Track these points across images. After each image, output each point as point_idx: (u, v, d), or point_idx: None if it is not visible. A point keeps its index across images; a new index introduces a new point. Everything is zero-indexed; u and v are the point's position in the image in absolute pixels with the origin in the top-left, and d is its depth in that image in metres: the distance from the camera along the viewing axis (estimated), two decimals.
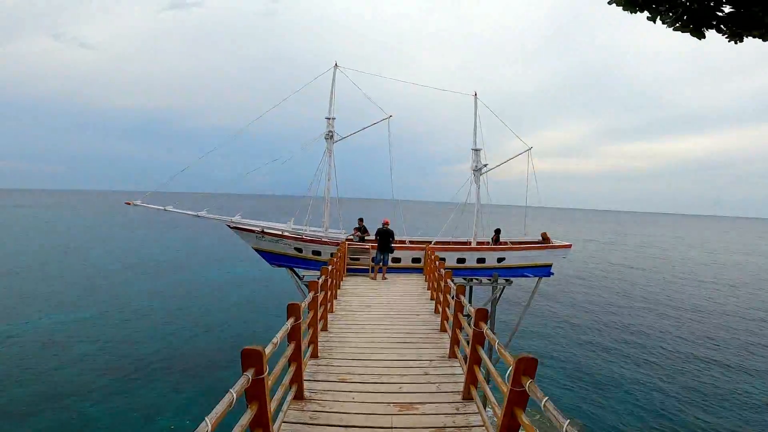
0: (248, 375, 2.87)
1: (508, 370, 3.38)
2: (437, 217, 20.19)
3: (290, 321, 4.50)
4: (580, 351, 21.29)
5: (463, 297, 6.50)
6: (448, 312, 8.22)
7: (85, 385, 15.73)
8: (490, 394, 4.32)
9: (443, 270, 9.09)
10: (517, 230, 20.00)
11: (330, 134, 17.59)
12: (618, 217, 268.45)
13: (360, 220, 17.37)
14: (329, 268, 8.51)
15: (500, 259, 17.42)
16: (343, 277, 14.23)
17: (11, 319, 22.15)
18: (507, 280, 17.39)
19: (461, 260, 16.97)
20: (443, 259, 14.21)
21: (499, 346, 3.72)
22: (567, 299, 31.07)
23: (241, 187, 17.11)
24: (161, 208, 15.72)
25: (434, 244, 17.49)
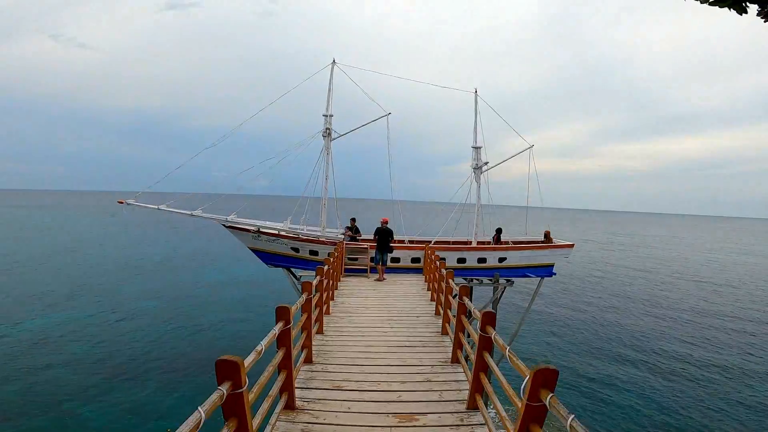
0: (222, 390, 2.47)
1: (522, 381, 3.00)
2: (437, 217, 19.82)
3: (279, 326, 4.10)
4: (580, 351, 20.94)
5: (467, 299, 6.10)
6: (450, 314, 7.82)
7: (79, 386, 15.48)
8: (499, 405, 3.92)
9: (444, 270, 8.69)
10: (516, 230, 19.61)
11: (328, 131, 17.20)
12: (616, 218, 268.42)
13: (352, 219, 16.93)
14: (325, 269, 8.11)
15: (501, 259, 17.05)
16: (341, 278, 13.83)
17: (5, 319, 21.79)
18: (508, 281, 17.01)
19: (462, 260, 16.59)
20: (443, 259, 13.83)
21: (511, 355, 3.33)
22: (567, 299, 30.70)
23: (237, 187, 16.71)
24: (155, 207, 15.34)
25: (434, 243, 17.11)
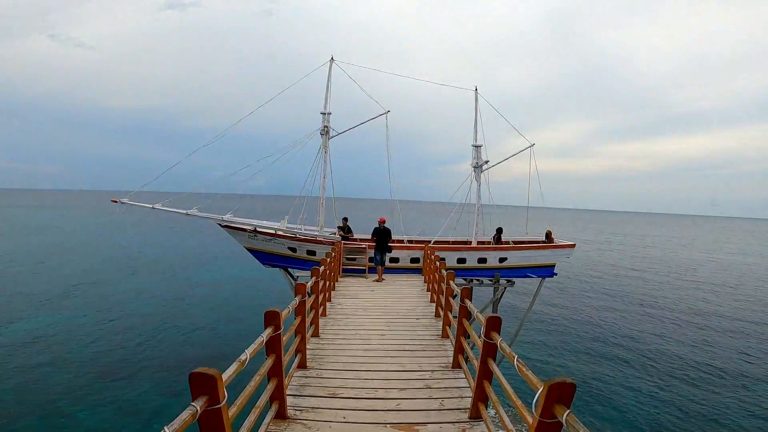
0: (196, 406, 2.17)
1: (532, 392, 2.71)
2: (436, 216, 19.55)
3: (267, 332, 3.80)
4: (581, 351, 20.65)
5: (469, 301, 5.80)
6: (450, 316, 7.53)
7: (73, 385, 15.26)
8: (506, 418, 3.63)
9: (445, 271, 8.40)
10: (516, 230, 19.33)
11: (326, 129, 16.91)
12: (615, 217, 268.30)
13: (344, 219, 16.63)
14: (320, 269, 7.81)
15: (502, 259, 16.78)
16: (339, 278, 13.54)
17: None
18: (509, 281, 16.76)
19: (462, 260, 16.31)
20: (443, 259, 13.56)
21: (520, 365, 3.04)
22: (567, 299, 30.40)
23: (235, 186, 16.43)
24: (149, 206, 15.05)
25: (433, 243, 16.83)
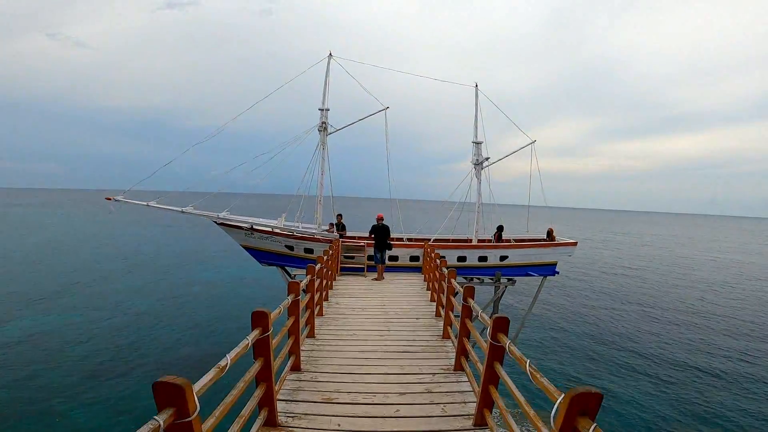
0: (159, 420, 1.85)
1: (546, 399, 2.40)
2: (435, 215, 19.27)
3: (254, 334, 3.48)
4: (584, 352, 20.37)
5: (472, 300, 5.49)
6: (452, 316, 7.23)
7: (68, 385, 15.06)
8: (514, 425, 3.32)
9: (446, 269, 8.08)
10: (517, 228, 19.02)
11: (324, 126, 16.60)
12: (614, 217, 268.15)
13: (339, 216, 16.31)
14: (317, 267, 7.49)
15: (503, 258, 16.50)
16: (336, 277, 13.23)
17: None
18: (510, 280, 16.49)
19: (462, 258, 16.02)
20: (443, 257, 13.29)
21: (533, 371, 2.72)
22: (568, 298, 30.15)
23: (232, 184, 16.13)
24: (144, 204, 14.75)
25: (433, 241, 16.54)
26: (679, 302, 30.92)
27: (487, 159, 17.74)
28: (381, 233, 13.87)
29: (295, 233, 15.39)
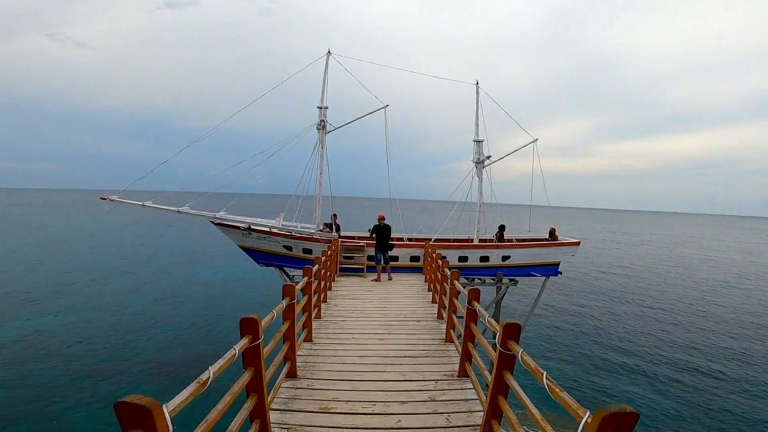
0: None
1: (576, 423, 2.14)
2: (435, 214, 19.02)
3: (242, 342, 3.20)
4: (587, 354, 20.12)
5: (477, 303, 5.21)
6: (455, 319, 6.95)
7: (65, 386, 14.85)
8: None
9: (448, 270, 7.81)
10: (516, 228, 18.75)
11: (322, 124, 16.32)
12: (615, 216, 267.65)
13: (333, 216, 16.03)
14: (314, 268, 7.21)
15: (505, 258, 16.22)
16: (335, 278, 12.95)
17: None
18: (512, 280, 16.21)
19: (463, 258, 15.75)
20: (444, 258, 13.03)
21: (551, 383, 2.45)
22: (569, 298, 29.87)
23: (230, 184, 15.85)
24: (139, 204, 14.47)
25: (434, 241, 16.27)
26: (679, 302, 30.68)
27: (489, 157, 17.47)
28: (383, 233, 13.59)
29: (294, 233, 15.12)
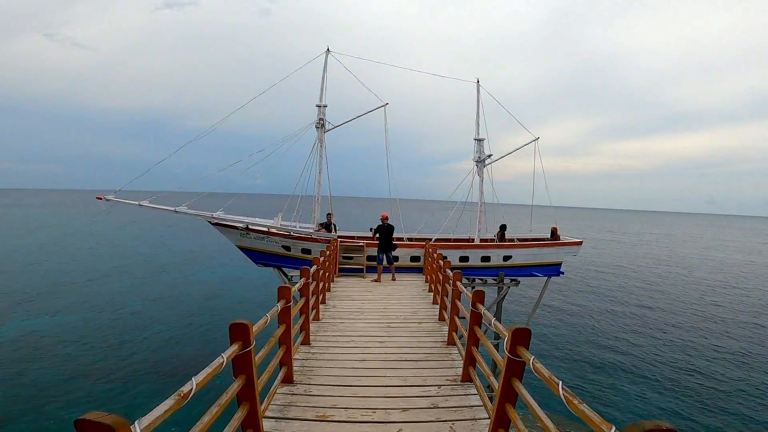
0: None
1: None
2: (436, 214, 18.84)
3: (232, 350, 2.97)
4: (590, 356, 19.94)
5: (482, 306, 4.98)
6: (458, 321, 6.73)
7: (63, 388, 14.73)
8: None
9: (450, 270, 7.59)
10: (517, 227, 18.53)
11: (321, 122, 16.10)
12: (615, 216, 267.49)
13: (329, 215, 15.80)
14: (312, 269, 6.99)
15: (506, 258, 15.98)
16: (334, 278, 12.72)
17: None
18: (513, 280, 15.98)
19: (464, 258, 15.52)
20: (445, 258, 12.81)
21: (568, 395, 2.22)
22: (571, 299, 29.67)
23: (228, 184, 15.66)
24: (136, 204, 14.25)
25: (434, 241, 16.04)
26: (679, 302, 30.54)
27: (490, 156, 17.24)
28: (387, 233, 13.41)
29: (292, 233, 14.89)
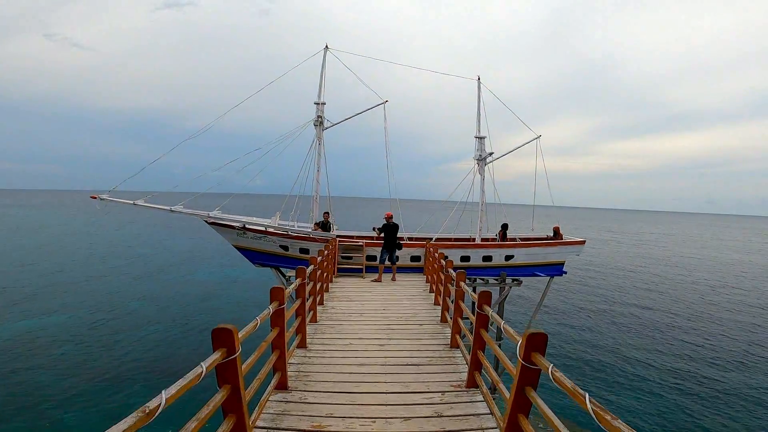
0: None
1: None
2: (436, 214, 18.59)
3: (213, 358, 2.65)
4: (586, 353, 19.67)
5: (489, 308, 4.67)
6: (461, 323, 6.42)
7: (60, 389, 14.47)
8: None
9: (452, 270, 7.28)
10: (518, 227, 18.28)
11: (319, 120, 15.81)
12: (615, 215, 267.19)
13: (326, 214, 15.51)
14: (308, 270, 6.67)
15: (508, 257, 15.70)
16: (333, 279, 12.42)
17: None
18: (515, 280, 15.68)
19: (465, 258, 15.23)
20: (446, 257, 12.52)
21: (597, 408, 1.92)
22: (565, 299, 29.34)
23: (227, 185, 15.40)
24: (130, 203, 13.99)
25: (435, 240, 15.75)
26: (678, 302, 30.25)
27: (491, 154, 16.95)
28: (391, 232, 13.21)
29: (290, 233, 14.60)
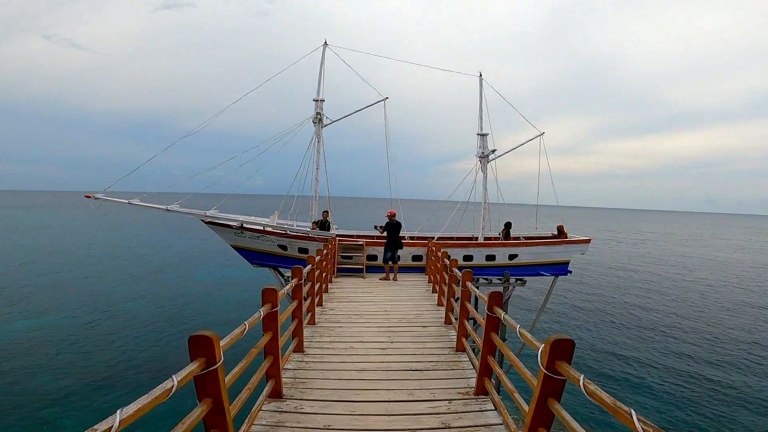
0: None
1: None
2: (436, 213, 18.29)
3: (189, 369, 2.30)
4: (586, 354, 19.37)
5: (500, 310, 4.31)
6: (467, 325, 6.06)
7: (59, 391, 14.37)
8: None
9: (457, 269, 6.93)
10: (518, 227, 17.97)
11: (318, 117, 15.48)
12: (615, 215, 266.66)
13: (324, 213, 15.16)
14: (306, 269, 6.32)
15: (512, 256, 15.35)
16: (332, 279, 12.07)
17: None
18: (519, 280, 15.31)
19: (468, 257, 14.88)
20: (450, 256, 12.18)
21: (646, 426, 1.57)
22: (565, 299, 28.97)
23: (225, 185, 15.08)
24: (126, 202, 13.68)
25: (437, 239, 15.42)
26: (678, 303, 29.96)
27: (494, 151, 16.61)
28: (394, 230, 12.95)
29: (289, 232, 14.26)
